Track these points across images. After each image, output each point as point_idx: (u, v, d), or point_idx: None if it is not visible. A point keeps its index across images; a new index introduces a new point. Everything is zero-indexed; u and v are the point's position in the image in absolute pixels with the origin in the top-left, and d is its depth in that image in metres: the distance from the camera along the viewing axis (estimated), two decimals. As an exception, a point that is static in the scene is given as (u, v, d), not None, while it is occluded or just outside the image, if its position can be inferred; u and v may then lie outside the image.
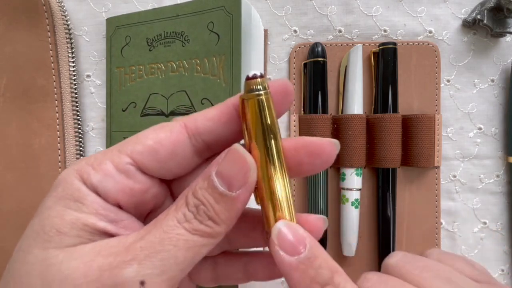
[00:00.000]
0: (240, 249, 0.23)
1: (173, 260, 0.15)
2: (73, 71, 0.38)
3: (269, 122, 0.16)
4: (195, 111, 0.33)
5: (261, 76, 0.16)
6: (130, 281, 0.15)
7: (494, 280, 0.20)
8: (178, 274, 0.16)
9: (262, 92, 0.16)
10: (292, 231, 0.16)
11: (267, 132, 0.16)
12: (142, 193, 0.18)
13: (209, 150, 0.19)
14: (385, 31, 0.37)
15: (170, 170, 0.18)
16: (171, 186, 0.20)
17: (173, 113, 0.35)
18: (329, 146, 0.17)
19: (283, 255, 0.16)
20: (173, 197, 0.20)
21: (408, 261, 0.20)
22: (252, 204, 0.18)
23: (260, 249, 0.22)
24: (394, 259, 0.20)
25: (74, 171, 0.17)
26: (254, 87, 0.16)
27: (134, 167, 0.17)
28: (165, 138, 0.17)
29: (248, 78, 0.16)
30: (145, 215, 0.19)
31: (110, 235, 0.17)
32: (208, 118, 0.18)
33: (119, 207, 0.17)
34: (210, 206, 0.16)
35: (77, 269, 0.15)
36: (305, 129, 0.36)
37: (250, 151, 0.17)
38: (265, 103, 0.16)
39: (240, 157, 0.16)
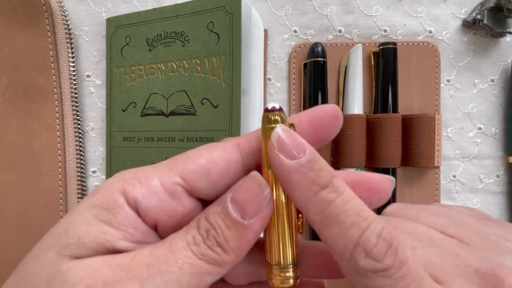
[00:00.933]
0: None
1: (176, 284, 0.15)
2: (73, 71, 0.38)
3: None
4: (195, 111, 0.34)
5: (279, 109, 0.16)
6: None
7: (491, 218, 0.20)
8: None
9: (272, 122, 0.16)
10: (291, 136, 0.16)
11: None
12: (183, 216, 0.17)
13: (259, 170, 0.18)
14: (385, 31, 0.37)
15: (219, 191, 0.17)
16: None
17: (173, 113, 0.35)
18: (388, 183, 0.17)
19: (283, 159, 0.15)
20: None
21: (404, 207, 0.20)
22: None
23: None
24: (391, 207, 0.21)
25: (119, 181, 0.16)
26: (271, 119, 0.16)
27: (181, 188, 0.16)
28: (218, 157, 0.17)
29: (266, 110, 0.16)
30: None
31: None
32: (254, 138, 0.17)
33: (155, 227, 0.17)
34: (220, 231, 0.16)
35: (82, 279, 0.15)
36: (305, 129, 0.36)
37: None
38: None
39: (256, 185, 0.16)
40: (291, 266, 0.17)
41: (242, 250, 0.16)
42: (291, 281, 0.17)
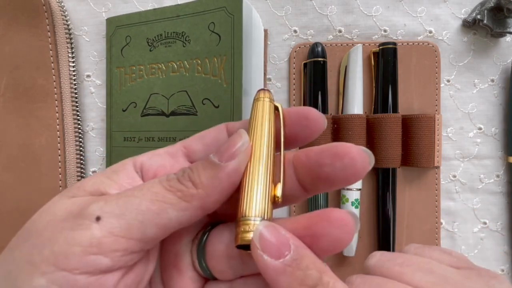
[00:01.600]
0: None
1: (135, 206, 0.16)
2: (73, 71, 0.38)
3: (266, 121, 0.19)
4: (196, 111, 0.34)
5: (268, 90, 0.20)
6: (89, 213, 0.16)
7: (473, 265, 0.20)
8: (136, 224, 0.15)
9: (267, 100, 0.19)
10: (274, 232, 0.15)
11: (261, 126, 0.18)
12: None
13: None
14: (385, 31, 0.37)
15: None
16: None
17: (174, 113, 0.35)
18: (356, 151, 0.16)
19: (267, 259, 0.15)
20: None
21: (387, 259, 0.19)
22: None
23: None
24: (373, 259, 0.20)
25: (132, 157, 0.19)
26: (261, 95, 0.19)
27: (181, 152, 0.19)
28: (212, 130, 0.20)
29: (258, 90, 0.20)
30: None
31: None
32: (242, 123, 0.20)
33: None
34: (196, 170, 0.16)
35: (65, 205, 0.17)
36: (305, 129, 0.36)
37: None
38: (266, 105, 0.19)
39: (237, 135, 0.17)
40: (257, 219, 0.16)
41: (213, 189, 0.16)
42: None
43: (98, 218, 0.15)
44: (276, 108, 0.19)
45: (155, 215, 0.16)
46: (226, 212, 0.19)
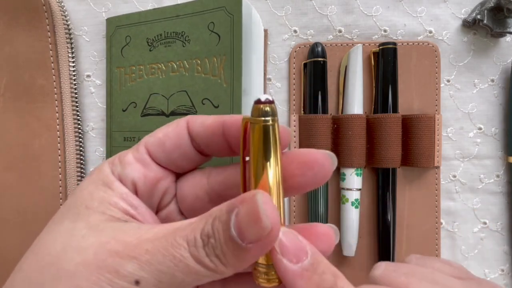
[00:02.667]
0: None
1: (170, 277, 0.15)
2: (73, 71, 0.38)
3: (272, 149, 0.16)
4: (196, 112, 0.34)
5: (272, 102, 0.16)
6: (128, 275, 0.15)
7: (473, 275, 0.21)
8: None
9: (270, 119, 0.16)
10: (292, 238, 0.16)
11: (269, 157, 0.16)
12: (155, 182, 0.20)
13: (208, 150, 0.20)
14: (385, 31, 0.37)
15: (175, 162, 0.20)
16: (177, 185, 0.21)
17: (174, 113, 0.35)
18: (323, 157, 0.17)
19: (287, 263, 0.16)
20: (177, 196, 0.21)
21: (392, 270, 0.20)
22: None
23: None
24: (379, 270, 0.21)
25: (107, 162, 0.20)
26: (263, 112, 0.16)
27: (149, 158, 0.20)
28: (171, 131, 0.20)
29: (258, 102, 0.16)
30: (155, 211, 0.21)
31: (131, 216, 0.19)
32: (206, 125, 0.19)
33: (136, 193, 0.19)
34: (219, 244, 0.15)
35: (92, 246, 0.16)
36: (305, 129, 0.36)
37: (250, 172, 0.17)
38: (270, 129, 0.16)
39: (255, 213, 0.15)
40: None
41: (240, 266, 0.16)
42: (277, 280, 0.17)
43: (137, 282, 0.15)
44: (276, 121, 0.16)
45: (189, 284, 0.16)
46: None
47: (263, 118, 0.16)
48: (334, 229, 0.18)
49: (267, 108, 0.16)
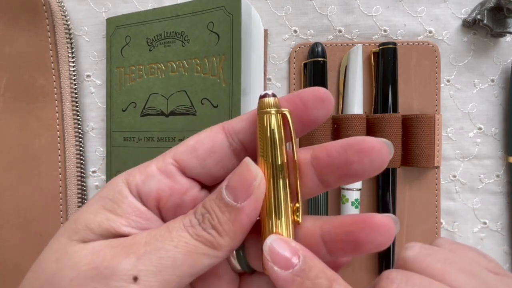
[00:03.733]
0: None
1: (171, 261, 0.15)
2: (73, 71, 0.38)
3: (274, 138, 0.17)
4: (195, 111, 0.34)
5: (273, 95, 0.17)
6: (125, 273, 0.15)
7: (506, 271, 0.19)
8: (174, 278, 0.15)
9: (272, 110, 0.17)
10: (283, 244, 0.16)
11: (272, 148, 0.17)
12: (181, 194, 0.18)
13: (245, 151, 0.19)
14: (385, 31, 0.37)
15: (209, 169, 0.18)
16: (210, 191, 0.20)
17: (173, 113, 0.35)
18: (379, 145, 0.16)
19: (277, 270, 0.16)
20: None
21: (427, 254, 0.19)
22: None
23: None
24: (412, 252, 0.19)
25: (124, 175, 0.18)
26: (265, 104, 0.17)
27: (175, 168, 0.18)
28: (204, 137, 0.18)
29: (261, 97, 0.17)
30: None
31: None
32: (244, 119, 0.18)
33: (159, 209, 0.18)
34: (214, 215, 0.16)
35: (85, 257, 0.16)
36: (305, 129, 0.36)
37: (259, 162, 0.17)
38: (273, 120, 0.17)
39: (247, 169, 0.16)
40: None
41: (237, 233, 0.16)
42: None
43: (135, 278, 0.15)
44: (283, 116, 0.17)
45: (190, 267, 0.16)
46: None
47: (265, 110, 0.17)
48: (394, 219, 0.17)
49: (269, 100, 0.17)
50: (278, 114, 0.17)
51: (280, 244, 0.16)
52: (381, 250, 0.17)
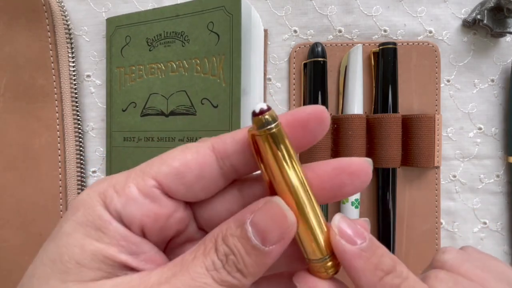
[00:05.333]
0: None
1: None
2: (73, 71, 0.38)
3: (286, 155, 0.16)
4: (195, 111, 0.34)
5: (268, 108, 0.15)
6: None
7: None
8: None
9: (273, 126, 0.15)
10: (351, 223, 0.17)
11: (287, 164, 0.16)
12: (167, 218, 0.17)
13: (235, 173, 0.18)
14: (385, 31, 0.37)
15: (196, 194, 0.17)
16: (194, 208, 0.19)
17: (173, 113, 0.35)
18: (367, 166, 0.17)
19: (345, 245, 0.16)
20: (196, 220, 0.19)
21: (465, 259, 0.19)
22: None
23: None
24: (449, 255, 0.20)
25: (96, 195, 0.16)
26: (264, 121, 0.15)
27: (159, 191, 0.16)
28: (191, 160, 0.16)
29: (255, 114, 0.15)
30: (168, 240, 0.18)
31: (131, 268, 0.16)
32: (237, 140, 0.17)
33: (143, 233, 0.17)
34: (240, 257, 0.15)
35: None
36: (305, 129, 0.36)
37: (270, 186, 0.16)
38: (278, 136, 0.15)
39: (281, 213, 0.15)
40: (327, 257, 0.17)
41: (261, 273, 0.16)
42: (333, 269, 0.17)
43: None
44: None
45: None
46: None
47: (266, 128, 0.15)
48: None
49: (267, 117, 0.15)
50: (281, 126, 0.16)
51: (347, 221, 0.16)
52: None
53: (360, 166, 0.17)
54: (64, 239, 0.15)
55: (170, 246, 0.18)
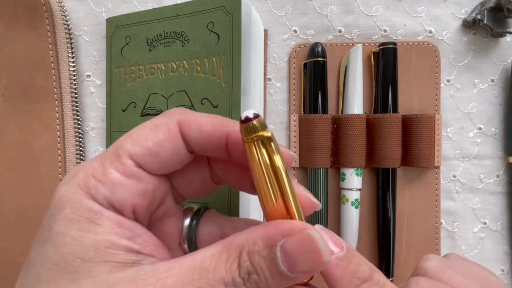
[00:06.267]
0: None
1: None
2: (73, 71, 0.38)
3: (276, 161, 0.16)
4: (195, 111, 0.34)
5: (256, 116, 0.15)
6: None
7: None
8: None
9: (261, 134, 0.15)
10: (329, 233, 0.17)
11: (276, 171, 0.16)
12: (153, 193, 0.17)
13: (205, 154, 0.19)
14: (385, 31, 0.37)
15: (171, 168, 0.18)
16: (170, 179, 0.20)
17: (173, 113, 0.35)
18: (316, 205, 0.18)
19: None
20: (173, 190, 0.20)
21: (447, 266, 0.19)
22: None
23: None
24: (432, 263, 0.20)
25: (78, 188, 0.16)
26: (251, 129, 0.15)
27: (140, 169, 0.17)
28: (164, 140, 0.17)
29: (242, 122, 0.15)
30: (150, 216, 0.19)
31: (134, 251, 0.16)
32: (203, 132, 0.17)
33: (134, 215, 0.17)
34: (264, 279, 0.15)
35: None
36: (305, 129, 0.36)
37: (260, 192, 0.16)
38: (266, 142, 0.15)
39: (317, 251, 0.15)
40: None
41: None
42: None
43: None
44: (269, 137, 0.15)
45: None
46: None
47: (254, 135, 0.15)
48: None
49: (255, 123, 0.15)
50: (271, 133, 0.15)
51: (325, 232, 0.17)
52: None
53: (311, 203, 0.18)
54: (59, 239, 0.15)
55: (151, 221, 0.19)
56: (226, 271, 0.15)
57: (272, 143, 0.15)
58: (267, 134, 0.15)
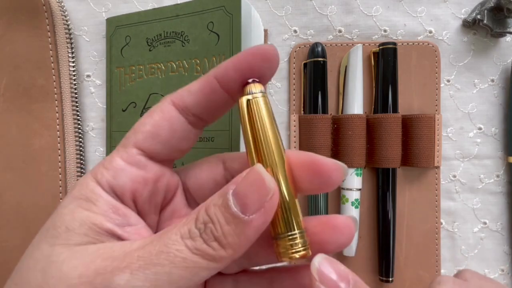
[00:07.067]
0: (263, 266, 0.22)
1: (166, 276, 0.15)
2: (73, 71, 0.38)
3: (267, 121, 0.17)
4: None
5: (257, 81, 0.17)
6: None
7: None
8: None
9: (258, 94, 0.17)
10: (333, 267, 0.16)
11: (267, 129, 0.17)
12: (155, 182, 0.18)
13: (202, 121, 0.19)
14: (385, 31, 0.37)
15: (174, 147, 0.19)
16: (182, 178, 0.20)
17: (173, 113, 0.35)
18: (333, 168, 0.17)
19: None
20: (185, 189, 0.20)
21: (457, 285, 0.19)
22: None
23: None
24: (446, 286, 0.19)
25: (90, 175, 0.18)
26: (250, 89, 0.17)
27: (143, 157, 0.18)
28: (159, 119, 0.18)
29: (246, 84, 0.17)
30: (157, 210, 0.19)
31: (117, 237, 0.17)
32: (193, 92, 0.18)
33: (135, 203, 0.18)
34: (219, 226, 0.15)
35: (75, 269, 0.15)
36: (305, 129, 0.36)
37: (251, 155, 0.17)
38: (261, 102, 0.17)
39: (259, 179, 0.15)
40: (297, 232, 0.16)
41: (241, 246, 0.15)
42: (301, 249, 0.16)
43: None
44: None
45: (188, 280, 0.15)
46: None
47: (251, 95, 0.17)
48: (353, 220, 0.17)
49: (253, 85, 0.17)
50: (266, 97, 0.17)
51: (330, 265, 0.16)
52: (342, 249, 0.18)
53: (326, 167, 0.17)
54: (59, 210, 0.17)
55: (160, 220, 0.20)
56: (184, 225, 0.15)
57: (267, 103, 0.17)
58: (263, 96, 0.17)
